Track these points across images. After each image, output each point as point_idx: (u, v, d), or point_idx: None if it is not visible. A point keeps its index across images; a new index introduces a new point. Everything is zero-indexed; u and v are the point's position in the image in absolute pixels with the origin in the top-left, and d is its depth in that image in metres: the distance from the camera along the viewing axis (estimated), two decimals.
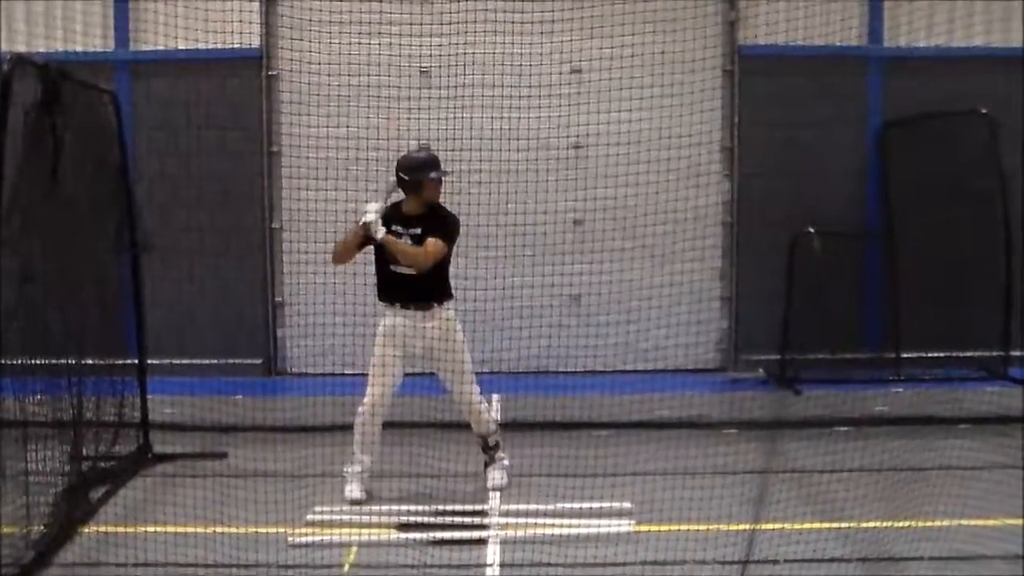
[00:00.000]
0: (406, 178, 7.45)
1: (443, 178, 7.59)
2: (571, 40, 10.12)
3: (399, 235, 7.44)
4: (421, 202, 7.51)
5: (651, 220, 10.64)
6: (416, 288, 7.49)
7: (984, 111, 10.95)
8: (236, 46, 11.20)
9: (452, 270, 7.74)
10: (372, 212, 7.34)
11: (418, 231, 7.47)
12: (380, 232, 7.32)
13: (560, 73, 10.63)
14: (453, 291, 7.73)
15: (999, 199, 11.06)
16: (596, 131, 10.60)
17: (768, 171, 11.77)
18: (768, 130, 11.69)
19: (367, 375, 7.66)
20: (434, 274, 7.49)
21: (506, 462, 7.93)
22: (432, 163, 7.55)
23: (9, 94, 5.90)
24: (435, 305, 7.55)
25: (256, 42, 11.62)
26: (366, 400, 7.60)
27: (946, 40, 11.94)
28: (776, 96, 11.63)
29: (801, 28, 11.76)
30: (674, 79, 10.48)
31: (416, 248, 7.40)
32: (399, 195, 7.61)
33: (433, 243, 7.40)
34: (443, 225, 7.51)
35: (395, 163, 7.56)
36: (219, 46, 11.00)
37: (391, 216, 7.51)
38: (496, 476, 7.87)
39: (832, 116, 11.75)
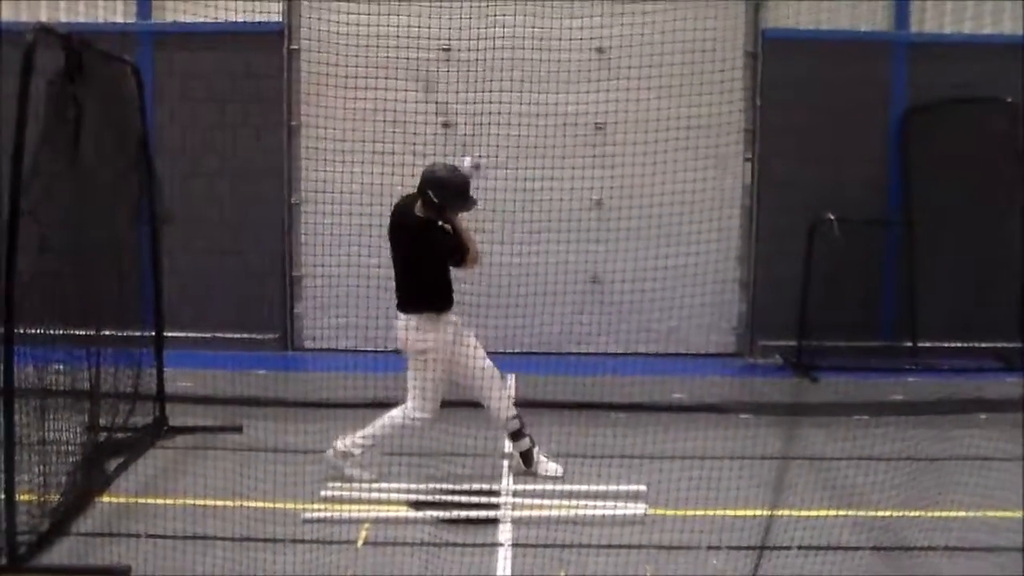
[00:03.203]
0: (436, 200, 7.22)
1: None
2: (595, 19, 10.05)
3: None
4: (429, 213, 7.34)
5: (671, 201, 10.56)
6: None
7: (1008, 99, 10.88)
8: (258, 20, 11.17)
9: None
10: None
11: None
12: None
13: (583, 51, 10.56)
14: (429, 308, 7.37)
15: (1020, 188, 11.00)
16: (618, 111, 10.55)
17: (789, 155, 11.69)
18: (790, 114, 11.60)
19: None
20: (404, 281, 7.41)
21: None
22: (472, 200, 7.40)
23: (32, 63, 5.89)
24: (399, 310, 7.44)
25: (278, 16, 11.62)
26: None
27: (972, 27, 11.86)
28: (799, 80, 11.54)
29: (826, 12, 11.69)
30: (697, 60, 10.40)
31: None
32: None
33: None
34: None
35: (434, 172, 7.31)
36: (241, 19, 10.96)
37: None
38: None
39: (855, 101, 11.66)
